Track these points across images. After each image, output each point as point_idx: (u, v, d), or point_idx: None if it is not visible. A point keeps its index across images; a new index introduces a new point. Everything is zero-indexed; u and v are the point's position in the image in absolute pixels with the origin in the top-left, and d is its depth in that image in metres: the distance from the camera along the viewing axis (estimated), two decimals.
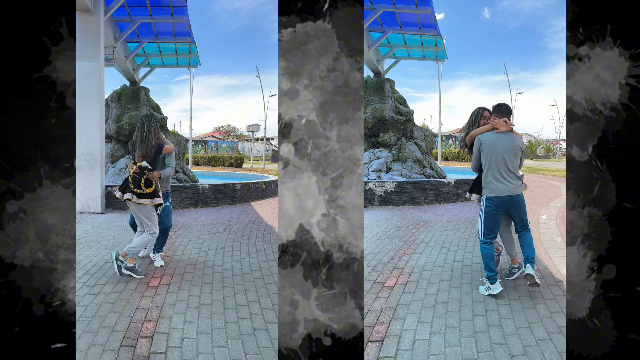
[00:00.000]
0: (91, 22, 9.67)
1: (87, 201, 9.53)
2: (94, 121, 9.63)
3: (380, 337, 3.33)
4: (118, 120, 12.99)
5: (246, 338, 3.34)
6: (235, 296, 4.24)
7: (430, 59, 16.99)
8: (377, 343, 3.23)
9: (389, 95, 13.57)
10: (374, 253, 5.86)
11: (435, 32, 13.79)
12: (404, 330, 3.42)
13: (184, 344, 3.22)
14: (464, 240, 6.64)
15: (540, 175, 20.22)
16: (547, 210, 9.68)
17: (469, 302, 3.97)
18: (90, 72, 9.63)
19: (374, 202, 10.61)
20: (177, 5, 11.90)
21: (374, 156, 12.79)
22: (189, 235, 7.01)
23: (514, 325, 3.46)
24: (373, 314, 3.76)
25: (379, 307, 3.91)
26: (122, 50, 13.42)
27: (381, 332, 3.41)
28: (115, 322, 3.56)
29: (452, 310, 3.77)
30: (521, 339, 3.23)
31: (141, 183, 4.88)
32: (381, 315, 3.71)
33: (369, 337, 3.33)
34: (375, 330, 3.44)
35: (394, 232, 7.31)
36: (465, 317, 3.64)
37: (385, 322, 3.58)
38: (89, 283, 4.53)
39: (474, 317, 3.63)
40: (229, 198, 11.22)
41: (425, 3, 12.01)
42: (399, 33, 13.82)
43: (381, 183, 10.75)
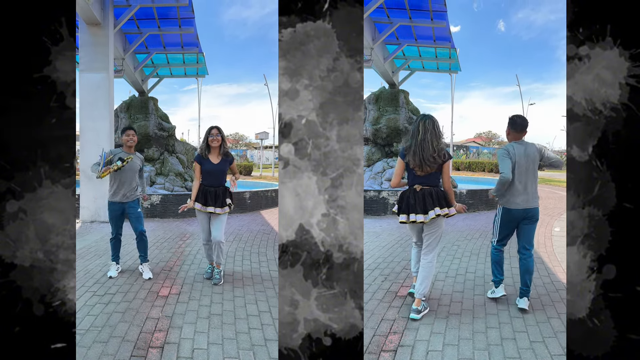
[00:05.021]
0: (101, 35, 9.82)
1: (96, 210, 9.55)
2: (104, 131, 9.70)
3: (394, 346, 3.32)
4: None
5: (258, 349, 3.31)
6: (246, 306, 4.20)
7: (444, 71, 17.24)
8: (391, 353, 3.22)
9: (403, 106, 13.76)
10: (387, 262, 5.84)
11: (450, 45, 14.01)
12: (417, 341, 3.41)
13: (194, 354, 3.20)
14: (475, 250, 6.60)
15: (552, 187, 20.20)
16: (560, 222, 9.59)
17: (482, 314, 3.96)
18: (100, 84, 9.76)
19: (387, 211, 10.60)
20: (184, 17, 12.11)
21: (387, 165, 12.90)
22: (198, 244, 6.96)
23: (527, 339, 3.44)
24: (386, 323, 3.75)
25: (392, 316, 3.90)
26: (130, 61, 13.58)
27: (394, 341, 3.40)
28: (126, 332, 3.55)
29: (465, 322, 3.76)
30: (535, 354, 3.20)
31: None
32: (394, 325, 3.70)
33: (382, 346, 3.32)
34: (388, 339, 3.43)
35: (407, 240, 7.30)
36: (479, 329, 3.62)
37: (399, 331, 3.58)
38: (99, 292, 4.51)
39: (487, 330, 3.61)
40: (238, 206, 11.16)
41: (441, 17, 12.15)
42: (414, 46, 14.05)
43: (394, 192, 10.74)
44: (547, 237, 7.77)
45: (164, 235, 7.80)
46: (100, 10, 9.61)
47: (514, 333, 3.55)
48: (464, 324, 3.71)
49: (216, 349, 3.28)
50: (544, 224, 9.25)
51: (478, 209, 11.48)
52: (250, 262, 5.96)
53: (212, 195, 4.94)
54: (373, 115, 13.75)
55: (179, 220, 9.72)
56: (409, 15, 12.11)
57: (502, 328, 3.65)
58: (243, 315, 3.97)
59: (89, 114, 9.66)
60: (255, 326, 3.72)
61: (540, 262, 5.89)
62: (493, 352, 3.23)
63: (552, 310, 4.07)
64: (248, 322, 3.80)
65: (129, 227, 5.54)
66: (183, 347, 3.29)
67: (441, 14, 12.05)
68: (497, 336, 3.49)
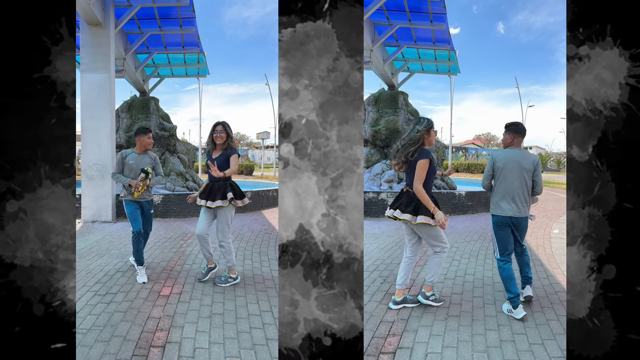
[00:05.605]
0: (102, 35, 9.85)
1: (98, 210, 9.59)
2: (105, 132, 9.73)
3: (393, 348, 3.32)
4: (128, 130, 13.22)
5: (259, 348, 3.31)
6: (247, 305, 4.21)
7: (443, 73, 17.27)
8: (390, 355, 3.22)
9: (403, 107, 13.76)
10: (386, 263, 5.84)
11: (449, 47, 14.02)
12: (416, 343, 3.41)
13: (196, 354, 3.20)
14: (474, 252, 6.60)
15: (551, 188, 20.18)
16: (559, 224, 9.58)
17: (481, 316, 3.96)
18: (101, 84, 9.79)
19: None
20: (185, 17, 12.13)
21: (386, 167, 12.89)
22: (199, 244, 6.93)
23: (527, 342, 3.43)
24: (385, 325, 3.75)
25: (391, 318, 3.90)
26: (132, 61, 13.61)
27: (393, 343, 3.40)
28: (127, 331, 3.55)
29: (464, 324, 3.76)
30: (534, 356, 3.20)
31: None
32: (393, 327, 3.70)
33: (381, 348, 3.32)
34: (387, 341, 3.43)
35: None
36: (478, 331, 3.62)
37: (398, 333, 3.58)
38: (101, 292, 4.52)
39: (486, 332, 3.61)
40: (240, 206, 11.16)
41: (440, 19, 12.18)
42: (413, 48, 14.07)
43: (393, 193, 10.76)
44: (546, 239, 7.75)
45: (166, 235, 7.81)
46: (101, 11, 9.63)
47: (513, 335, 3.55)
48: (462, 326, 3.71)
49: (218, 348, 3.28)
50: (542, 226, 9.23)
51: (477, 210, 11.48)
52: (252, 261, 5.96)
53: (209, 189, 4.96)
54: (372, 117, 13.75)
55: (180, 220, 9.73)
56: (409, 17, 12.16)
57: (501, 330, 3.65)
58: (244, 314, 3.97)
59: (91, 114, 9.68)
60: (256, 325, 3.73)
61: (539, 264, 5.88)
62: (492, 354, 3.23)
63: (551, 312, 4.07)
64: (249, 322, 3.80)
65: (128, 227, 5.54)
66: (184, 347, 3.30)
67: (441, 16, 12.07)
68: (496, 338, 3.49)
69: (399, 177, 12.58)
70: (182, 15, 12.00)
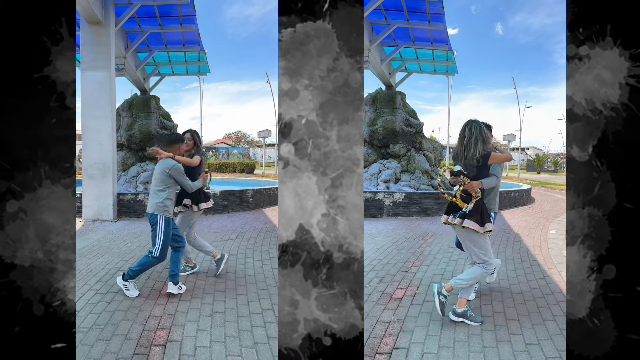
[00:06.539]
0: (102, 34, 9.83)
1: (99, 209, 9.58)
2: (106, 130, 9.73)
3: (389, 349, 3.31)
4: (129, 129, 13.20)
5: (260, 347, 3.31)
6: (248, 304, 4.21)
7: (441, 73, 17.25)
8: (386, 355, 3.21)
9: (400, 107, 13.73)
10: (383, 264, 5.83)
11: (447, 47, 13.98)
12: (412, 343, 3.40)
13: (197, 352, 3.20)
14: None
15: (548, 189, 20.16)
16: (556, 225, 9.53)
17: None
18: (101, 83, 9.78)
19: (383, 213, 10.61)
20: (186, 15, 12.09)
21: (384, 167, 12.87)
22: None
23: (523, 342, 3.43)
24: (381, 325, 3.74)
25: (387, 318, 3.89)
26: (132, 60, 13.60)
27: (389, 344, 3.39)
28: (128, 330, 3.55)
29: (460, 324, 3.75)
30: (531, 356, 3.20)
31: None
32: (389, 327, 3.70)
33: (377, 348, 3.31)
34: (383, 342, 3.42)
35: (402, 243, 7.29)
36: (474, 332, 3.62)
37: (394, 334, 3.57)
38: (102, 290, 4.52)
39: (483, 332, 3.60)
40: (241, 205, 11.17)
41: (438, 19, 12.15)
42: (411, 47, 14.03)
43: (390, 194, 10.75)
44: (543, 240, 7.73)
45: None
46: (101, 9, 9.62)
47: (510, 335, 3.54)
48: (459, 326, 3.70)
49: (219, 347, 3.29)
50: (539, 227, 9.21)
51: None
52: (253, 260, 5.97)
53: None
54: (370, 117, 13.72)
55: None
56: (407, 17, 12.12)
57: (497, 330, 3.64)
58: (246, 313, 3.97)
59: (91, 113, 9.67)
60: (257, 324, 3.73)
61: (536, 265, 5.86)
62: (488, 354, 3.23)
63: (547, 312, 4.06)
64: (251, 320, 3.81)
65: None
66: (186, 345, 3.30)
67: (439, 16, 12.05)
68: (492, 338, 3.48)
69: (396, 177, 12.56)
70: (182, 13, 11.96)
